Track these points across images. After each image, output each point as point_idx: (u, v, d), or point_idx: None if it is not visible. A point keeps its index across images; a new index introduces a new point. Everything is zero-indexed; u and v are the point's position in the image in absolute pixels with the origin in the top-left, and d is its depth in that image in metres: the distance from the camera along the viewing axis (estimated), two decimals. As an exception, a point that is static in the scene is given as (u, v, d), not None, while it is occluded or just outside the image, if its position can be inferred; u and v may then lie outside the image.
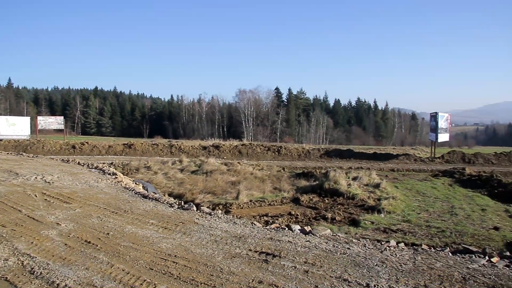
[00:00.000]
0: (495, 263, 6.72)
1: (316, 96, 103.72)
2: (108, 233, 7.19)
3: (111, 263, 5.76)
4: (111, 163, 23.71)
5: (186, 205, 10.26)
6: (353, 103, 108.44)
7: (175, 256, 6.10)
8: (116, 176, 13.86)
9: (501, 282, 5.56)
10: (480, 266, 6.42)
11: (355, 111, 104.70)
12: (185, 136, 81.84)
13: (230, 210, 12.05)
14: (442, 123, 36.37)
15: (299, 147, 38.73)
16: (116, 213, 8.83)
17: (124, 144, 34.76)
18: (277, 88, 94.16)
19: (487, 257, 7.07)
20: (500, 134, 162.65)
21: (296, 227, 9.02)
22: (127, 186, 12.35)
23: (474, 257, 7.12)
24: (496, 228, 10.99)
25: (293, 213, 11.85)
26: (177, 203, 10.45)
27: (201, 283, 5.08)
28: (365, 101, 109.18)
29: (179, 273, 5.38)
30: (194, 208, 10.42)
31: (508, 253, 7.71)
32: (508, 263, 6.76)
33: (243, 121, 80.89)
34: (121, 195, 10.94)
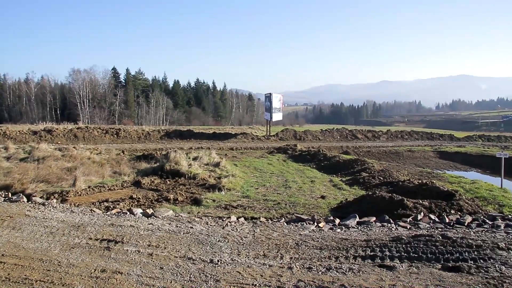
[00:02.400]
0: (322, 227, 7.53)
1: (155, 77, 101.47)
2: None
3: None
4: None
5: (14, 197, 9.34)
6: (193, 84, 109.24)
7: (2, 255, 5.49)
8: None
9: (326, 244, 6.26)
10: (310, 231, 7.13)
11: (194, 92, 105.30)
12: (10, 120, 73.29)
13: (67, 198, 11.23)
14: (276, 103, 38.83)
15: (139, 129, 37.84)
16: None
17: None
18: (114, 68, 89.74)
19: (315, 223, 7.88)
20: (325, 113, 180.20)
21: (138, 211, 8.88)
22: None
23: (305, 224, 7.88)
24: (322, 197, 12.24)
25: (135, 196, 11.57)
26: (3, 195, 9.44)
27: (36, 281, 4.68)
28: (204, 82, 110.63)
29: (8, 274, 4.85)
30: (25, 199, 9.54)
31: (331, 218, 8.70)
32: (332, 227, 7.64)
33: (78, 103, 75.49)
34: None
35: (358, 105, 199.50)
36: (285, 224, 7.96)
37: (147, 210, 8.87)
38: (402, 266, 5.24)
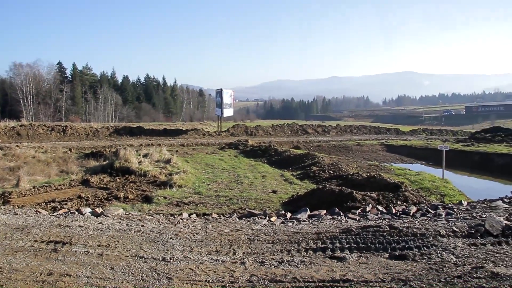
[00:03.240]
0: (274, 222, 7.61)
1: (103, 72, 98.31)
2: None
3: None
4: None
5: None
6: (142, 80, 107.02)
7: None
8: None
9: (278, 238, 6.33)
10: (262, 226, 7.19)
11: (144, 88, 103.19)
12: None
13: (9, 200, 10.74)
14: (227, 99, 38.81)
15: (87, 126, 36.78)
16: None
17: None
18: (59, 63, 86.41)
19: (267, 218, 7.96)
20: (276, 108, 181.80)
21: (87, 210, 8.64)
22: None
23: (257, 219, 7.93)
24: (274, 191, 12.38)
25: (83, 195, 11.26)
26: None
27: (-26, 290, 4.45)
28: (154, 78, 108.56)
29: None
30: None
31: (283, 212, 8.81)
32: (283, 221, 7.74)
33: (21, 99, 72.01)
34: None
35: (308, 100, 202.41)
36: (237, 219, 7.98)
37: (97, 209, 8.65)
38: (352, 257, 5.38)
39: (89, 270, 4.91)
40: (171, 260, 5.30)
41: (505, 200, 8.92)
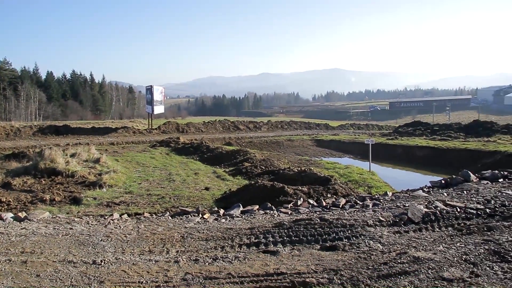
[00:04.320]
0: (207, 219, 7.60)
1: (24, 67, 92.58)
2: None
3: None
4: None
5: None
6: (68, 76, 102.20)
7: None
8: None
9: (212, 235, 6.34)
10: (195, 223, 7.16)
11: (70, 85, 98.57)
12: None
13: None
14: (157, 95, 38.07)
15: (7, 125, 34.57)
16: None
17: None
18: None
19: (200, 215, 7.93)
20: (208, 105, 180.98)
21: (9, 215, 8.15)
22: None
23: (190, 216, 7.88)
24: (207, 188, 12.36)
25: (4, 200, 10.59)
26: None
27: None
28: (81, 74, 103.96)
29: None
30: None
31: (216, 209, 8.82)
32: (216, 217, 7.76)
33: None
34: None
35: (239, 97, 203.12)
36: (170, 218, 7.89)
37: (19, 214, 8.18)
38: (285, 250, 5.49)
39: (11, 280, 4.61)
40: (102, 263, 5.14)
41: (424, 189, 9.49)
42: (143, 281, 4.54)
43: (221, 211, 8.42)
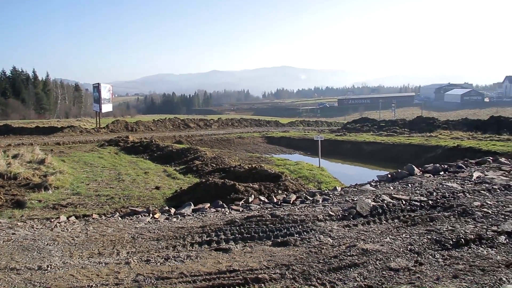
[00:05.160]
0: (158, 218, 7.51)
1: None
2: None
3: None
4: None
5: None
6: (8, 73, 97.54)
7: None
8: None
9: (163, 234, 6.26)
10: (146, 224, 7.05)
11: (11, 82, 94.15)
12: None
13: None
14: (105, 93, 37.02)
15: None
16: None
17: None
18: None
19: (151, 215, 7.81)
20: (157, 103, 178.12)
21: None
22: None
23: (140, 216, 7.75)
24: (157, 188, 12.19)
25: None
26: None
27: None
28: (22, 71, 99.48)
29: None
30: None
31: (167, 208, 8.72)
32: (167, 217, 7.67)
33: None
34: None
35: (189, 95, 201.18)
36: (120, 218, 7.72)
37: (-45, 219, 7.74)
38: (237, 247, 5.51)
39: None
40: (49, 268, 4.95)
41: (372, 183, 9.79)
42: (92, 285, 4.42)
43: (172, 210, 8.33)
